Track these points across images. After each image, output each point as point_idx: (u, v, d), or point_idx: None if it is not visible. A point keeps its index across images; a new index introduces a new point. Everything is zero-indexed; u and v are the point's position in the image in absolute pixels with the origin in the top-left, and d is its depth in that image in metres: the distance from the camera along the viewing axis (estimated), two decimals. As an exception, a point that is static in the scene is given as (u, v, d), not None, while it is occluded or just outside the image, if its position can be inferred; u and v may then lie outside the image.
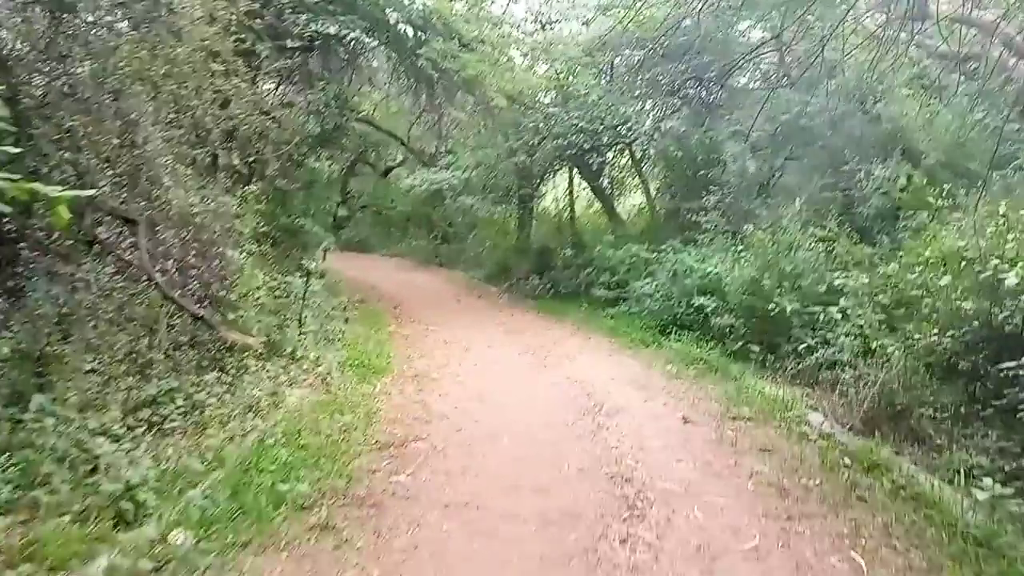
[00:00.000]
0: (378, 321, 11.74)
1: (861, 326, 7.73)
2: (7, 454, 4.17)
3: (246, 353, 7.28)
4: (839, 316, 7.95)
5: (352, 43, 12.18)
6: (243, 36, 6.95)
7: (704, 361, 9.00)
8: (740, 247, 10.46)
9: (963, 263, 6.47)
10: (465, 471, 5.43)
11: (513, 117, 17.13)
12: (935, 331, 6.41)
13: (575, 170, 18.73)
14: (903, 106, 10.01)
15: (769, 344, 8.70)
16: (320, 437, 5.81)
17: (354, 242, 26.55)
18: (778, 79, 13.44)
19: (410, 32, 11.69)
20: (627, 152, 17.50)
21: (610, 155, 17.92)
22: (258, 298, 7.99)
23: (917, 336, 6.52)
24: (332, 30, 10.76)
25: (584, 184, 19.70)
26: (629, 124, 13.72)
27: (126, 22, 5.84)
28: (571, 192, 19.50)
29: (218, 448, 5.22)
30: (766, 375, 8.35)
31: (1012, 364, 5.21)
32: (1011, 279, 5.32)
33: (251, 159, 9.09)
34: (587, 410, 7.19)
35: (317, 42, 11.41)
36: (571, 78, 14.99)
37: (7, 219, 5.12)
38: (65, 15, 5.86)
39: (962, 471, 5.07)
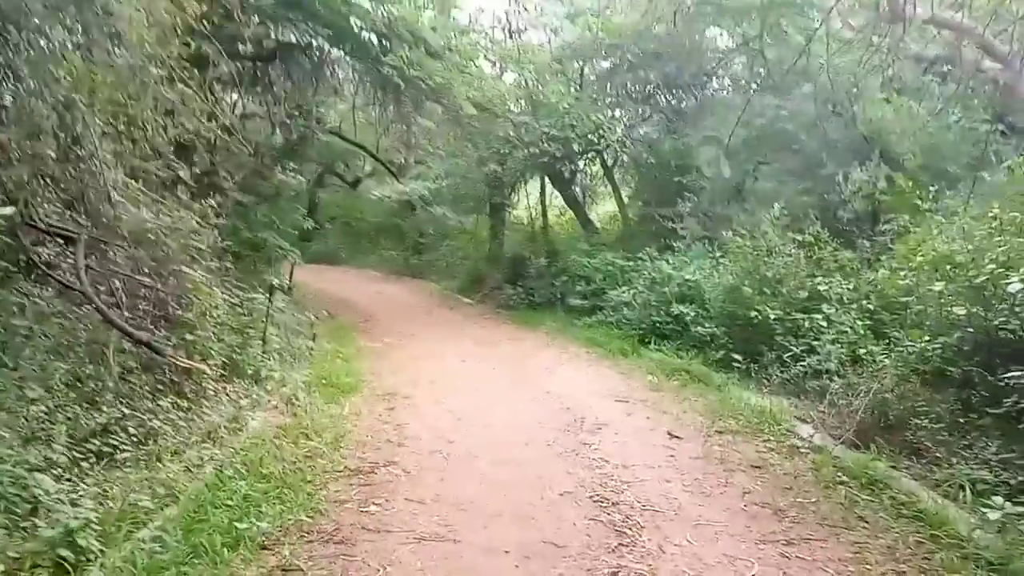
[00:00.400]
0: (347, 336, 11.30)
1: (847, 332, 7.48)
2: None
3: (205, 376, 6.85)
4: (824, 323, 7.69)
5: (315, 52, 11.78)
6: (190, 41, 6.51)
7: (686, 371, 8.70)
8: (719, 253, 10.20)
9: (954, 267, 6.23)
10: (440, 499, 5.03)
11: (483, 126, 16.83)
12: (926, 338, 6.15)
13: (547, 179, 18.45)
14: (879, 109, 9.83)
15: (752, 353, 8.41)
16: (283, 465, 5.38)
17: (323, 255, 26.03)
18: (750, 83, 13.27)
19: (375, 40, 11.31)
20: (599, 160, 17.26)
21: (582, 163, 17.70)
22: (218, 317, 7.53)
23: (908, 343, 6.26)
24: (293, 38, 10.34)
25: (556, 193, 19.44)
26: (600, 131, 13.44)
27: (59, 27, 5.38)
28: (543, 201, 19.21)
29: (171, 482, 4.78)
30: (750, 385, 8.07)
31: (1018, 373, 4.92)
32: (1015, 285, 5.05)
33: (208, 172, 8.63)
34: (568, 426, 6.84)
35: (277, 51, 10.99)
36: (540, 86, 14.69)
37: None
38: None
39: (966, 486, 4.79)
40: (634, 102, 14.62)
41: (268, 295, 8.13)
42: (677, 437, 6.54)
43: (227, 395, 6.87)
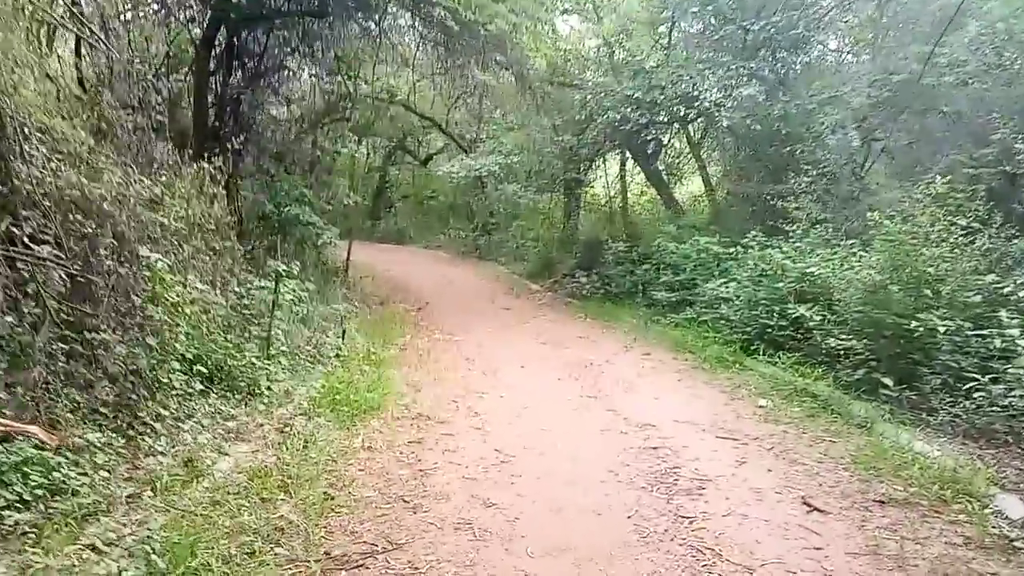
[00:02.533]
0: (391, 330, 9.42)
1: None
2: None
3: (176, 393, 5.06)
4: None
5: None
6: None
7: (811, 396, 6.46)
8: (849, 240, 7.85)
9: None
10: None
11: (557, 92, 14.72)
12: None
13: (627, 153, 16.18)
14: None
15: (906, 375, 6.11)
16: (229, 547, 3.50)
17: (391, 234, 24.48)
18: (879, 34, 10.70)
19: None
20: (689, 129, 14.86)
21: (668, 135, 15.32)
22: (203, 312, 5.73)
23: None
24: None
25: (638, 169, 17.16)
26: (696, 92, 11.10)
27: None
28: (623, 177, 16.94)
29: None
30: (906, 421, 5.79)
31: None
32: None
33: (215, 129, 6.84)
34: (656, 481, 4.75)
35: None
36: (624, 42, 12.44)
37: None
38: None
39: None
40: (732, 62, 12.12)
41: (275, 284, 6.27)
42: (819, 510, 4.36)
43: (201, 420, 5.07)
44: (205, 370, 5.46)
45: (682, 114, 12.27)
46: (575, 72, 14.66)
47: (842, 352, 6.69)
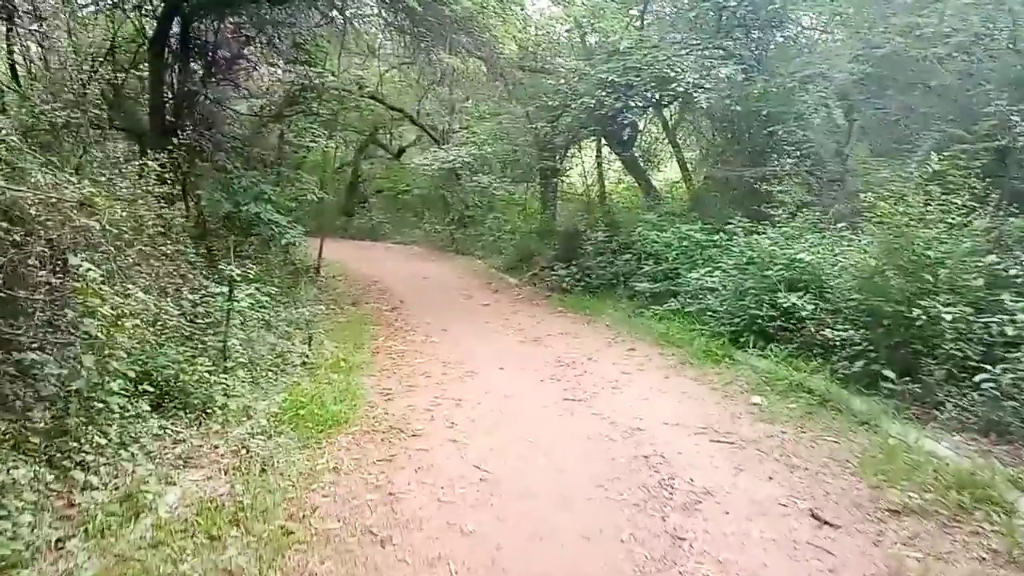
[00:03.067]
0: (363, 332, 8.93)
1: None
2: None
3: (117, 414, 4.55)
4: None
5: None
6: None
7: (808, 391, 6.06)
8: (840, 224, 7.47)
9: None
10: None
11: (529, 79, 14.23)
12: None
13: (603, 140, 15.72)
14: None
15: (907, 366, 5.73)
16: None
17: (366, 230, 23.88)
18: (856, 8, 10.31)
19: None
20: (665, 113, 14.44)
21: (643, 120, 14.89)
22: (156, 322, 5.21)
23: None
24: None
25: (614, 157, 16.72)
26: (672, 73, 10.64)
27: None
28: (599, 164, 16.47)
29: None
30: (911, 416, 5.41)
31: None
32: None
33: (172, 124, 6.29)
34: (649, 496, 4.33)
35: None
36: (596, 23, 11.96)
37: None
38: None
39: None
40: (709, 40, 11.67)
41: (228, 290, 5.74)
42: (829, 524, 3.95)
43: (147, 443, 4.56)
44: (153, 388, 4.95)
45: (658, 97, 11.85)
46: (547, 57, 14.16)
47: (838, 343, 6.30)
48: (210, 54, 10.04)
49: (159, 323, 5.36)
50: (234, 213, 7.96)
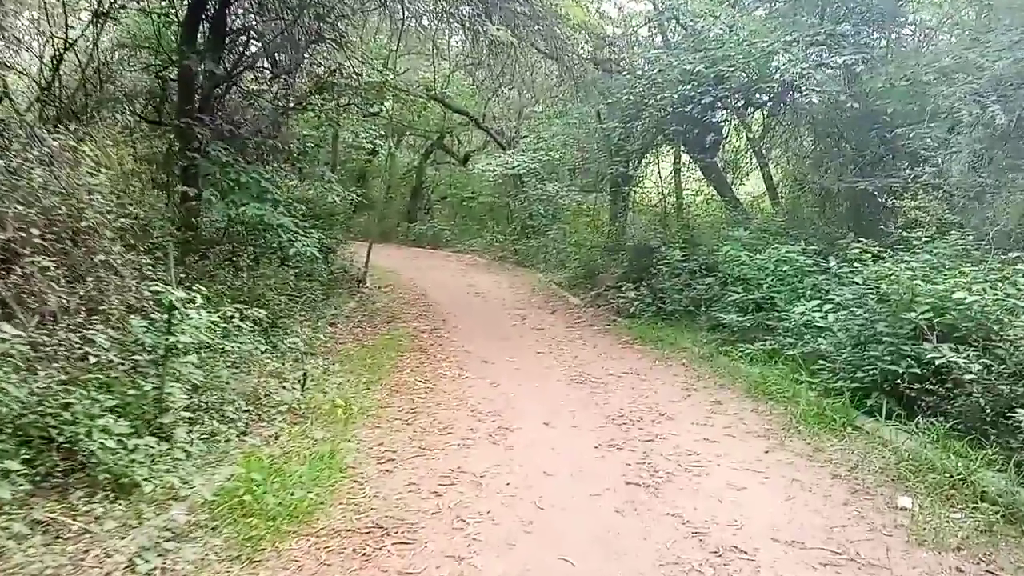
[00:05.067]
0: (385, 363, 7.29)
1: None
2: None
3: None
4: None
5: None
6: None
7: (982, 493, 4.08)
8: (1007, 251, 5.42)
9: None
10: None
11: (603, 77, 12.46)
12: None
13: (682, 147, 13.77)
14: None
15: None
16: None
17: (428, 237, 22.43)
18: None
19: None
20: (756, 115, 12.41)
21: (728, 124, 12.84)
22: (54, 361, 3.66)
23: None
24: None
25: (692, 166, 14.75)
26: (771, 66, 8.68)
27: None
28: (677, 173, 14.52)
29: None
30: None
31: None
32: None
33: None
34: None
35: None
36: (681, 9, 10.09)
37: None
38: None
39: None
40: (818, 25, 9.63)
41: (167, 318, 4.14)
42: None
43: (36, 546, 3.00)
44: (32, 455, 3.40)
45: (753, 93, 9.88)
46: (623, 53, 12.35)
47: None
48: (245, 37, 8.74)
49: (68, 361, 3.82)
50: (232, 215, 6.47)
